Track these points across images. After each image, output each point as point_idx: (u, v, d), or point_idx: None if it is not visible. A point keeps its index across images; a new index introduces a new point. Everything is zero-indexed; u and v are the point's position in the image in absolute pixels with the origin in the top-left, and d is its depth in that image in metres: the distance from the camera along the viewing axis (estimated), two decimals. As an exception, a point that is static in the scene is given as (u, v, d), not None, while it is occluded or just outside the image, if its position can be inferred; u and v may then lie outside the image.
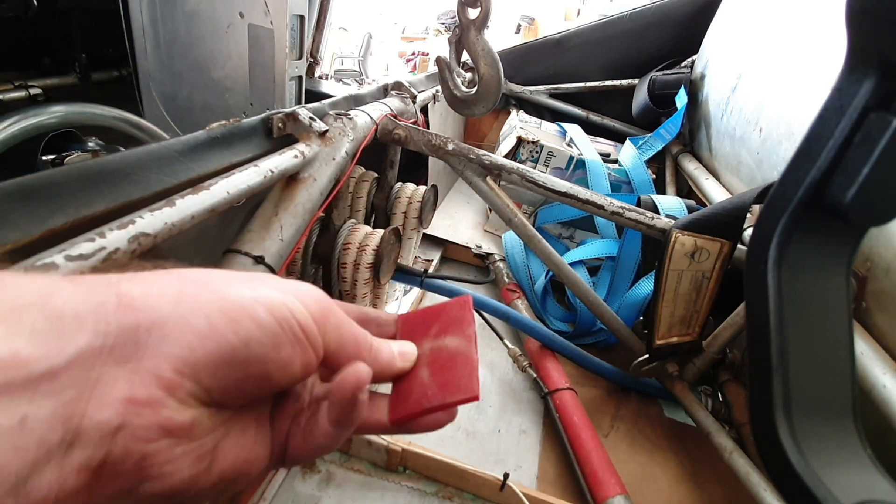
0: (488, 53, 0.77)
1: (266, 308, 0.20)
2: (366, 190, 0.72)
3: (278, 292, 0.21)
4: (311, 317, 0.21)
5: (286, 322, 0.20)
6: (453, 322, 0.27)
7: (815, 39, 0.74)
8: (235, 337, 0.19)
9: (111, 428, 0.17)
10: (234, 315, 0.19)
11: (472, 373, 0.24)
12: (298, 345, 0.21)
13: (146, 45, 1.26)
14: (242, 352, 0.19)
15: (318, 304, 0.22)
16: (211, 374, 0.19)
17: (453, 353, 0.26)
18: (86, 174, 0.35)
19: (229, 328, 0.19)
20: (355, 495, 0.56)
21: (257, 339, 0.19)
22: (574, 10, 5.73)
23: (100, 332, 0.17)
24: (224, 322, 0.19)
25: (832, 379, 0.40)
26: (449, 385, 0.24)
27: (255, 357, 0.19)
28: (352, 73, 4.33)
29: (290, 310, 0.21)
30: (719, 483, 0.67)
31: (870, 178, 0.34)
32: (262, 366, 0.20)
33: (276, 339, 0.20)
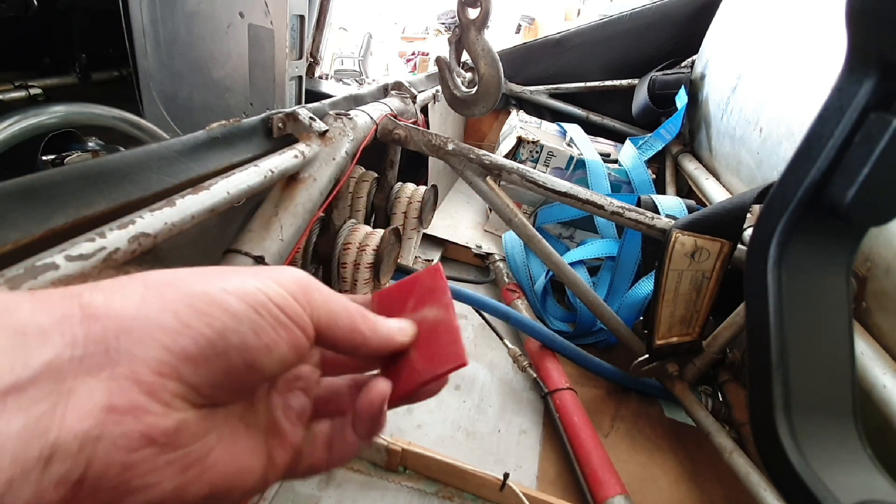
0: (488, 53, 0.77)
1: (237, 296, 0.19)
2: (366, 190, 0.72)
3: (251, 279, 0.20)
4: (291, 296, 0.21)
5: (262, 306, 0.20)
6: (428, 292, 0.27)
7: (815, 39, 0.74)
8: (209, 329, 0.18)
9: (90, 438, 0.16)
10: (203, 308, 0.19)
11: (456, 340, 0.25)
12: (281, 327, 0.20)
13: (146, 45, 1.26)
14: (220, 343, 0.18)
15: (296, 282, 0.22)
16: (192, 369, 0.18)
17: (434, 323, 0.26)
18: (86, 174, 0.35)
19: (201, 321, 0.18)
20: (355, 495, 0.56)
21: (233, 328, 0.19)
22: (574, 10, 5.73)
23: (66, 343, 0.16)
24: (194, 316, 0.18)
25: (832, 379, 0.40)
26: (436, 356, 0.24)
27: (236, 346, 0.19)
28: (352, 73, 4.32)
29: (265, 293, 0.20)
30: (719, 483, 0.67)
31: (870, 178, 0.34)
32: (245, 354, 0.19)
33: (254, 324, 0.19)
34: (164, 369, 0.17)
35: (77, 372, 0.16)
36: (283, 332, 0.20)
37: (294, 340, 0.21)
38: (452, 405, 0.72)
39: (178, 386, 0.18)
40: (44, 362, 0.16)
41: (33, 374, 0.15)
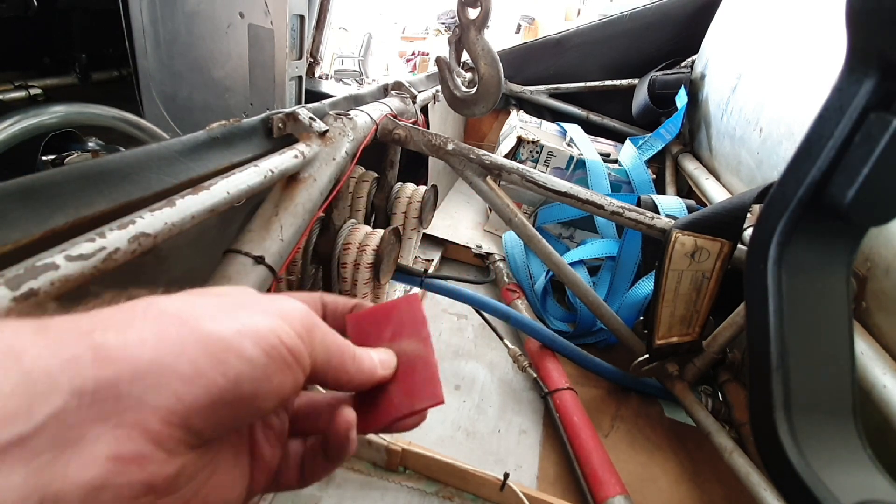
0: (488, 53, 0.77)
1: (253, 341, 0.19)
2: (366, 190, 0.72)
3: (263, 318, 0.20)
4: (298, 337, 0.21)
5: (275, 350, 0.20)
6: (406, 324, 0.27)
7: (815, 40, 0.74)
8: (224, 379, 0.18)
9: (94, 488, 0.16)
10: (219, 355, 0.18)
11: (434, 378, 0.25)
12: (288, 369, 0.20)
13: (146, 45, 1.26)
14: (233, 392, 0.18)
15: (302, 322, 0.22)
16: (202, 418, 0.18)
17: (412, 357, 0.26)
18: (86, 174, 0.35)
19: (217, 370, 0.18)
20: (355, 495, 0.56)
21: (248, 376, 0.19)
22: (574, 10, 5.73)
23: (75, 390, 0.16)
24: (210, 364, 0.18)
25: (832, 379, 0.40)
26: (414, 392, 0.25)
27: (247, 394, 0.19)
28: (352, 73, 4.33)
29: (278, 335, 0.20)
30: (719, 483, 0.67)
31: (870, 178, 0.34)
32: (254, 400, 0.19)
33: (266, 370, 0.19)
34: (173, 419, 0.17)
35: (85, 419, 0.16)
36: (289, 375, 0.20)
37: (295, 380, 0.21)
38: (452, 405, 0.72)
39: (183, 433, 0.18)
40: (50, 412, 0.15)
41: (38, 424, 0.15)
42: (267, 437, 0.24)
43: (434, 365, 0.25)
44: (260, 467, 0.23)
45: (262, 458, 0.24)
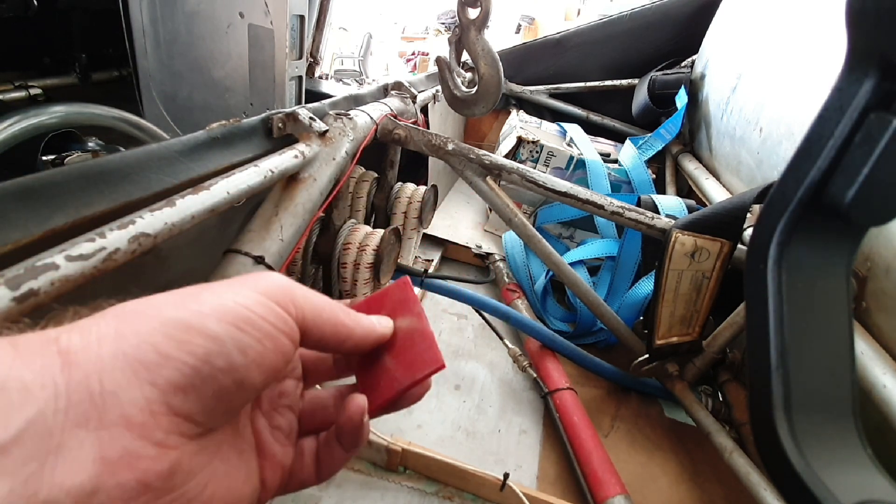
0: (488, 53, 0.77)
1: (216, 318, 0.19)
2: (366, 190, 0.72)
3: (229, 293, 0.20)
4: (274, 302, 0.20)
5: (245, 321, 0.19)
6: (398, 305, 0.27)
7: (815, 39, 0.74)
8: (192, 357, 0.18)
9: (85, 493, 0.15)
10: (181, 337, 0.18)
11: (432, 345, 0.25)
12: (267, 338, 0.20)
13: (146, 45, 1.26)
14: (206, 368, 0.18)
15: (277, 286, 0.21)
16: (182, 399, 0.18)
17: (408, 332, 0.26)
18: (86, 174, 0.35)
19: (182, 350, 0.18)
20: (355, 495, 0.56)
21: (216, 351, 0.18)
22: (574, 10, 5.74)
23: (49, 396, 0.16)
24: (174, 346, 0.18)
25: (832, 379, 0.40)
26: (414, 362, 0.25)
27: (222, 369, 0.18)
28: (352, 73, 4.33)
29: (245, 306, 0.19)
30: (719, 483, 0.67)
31: (870, 178, 0.34)
32: (233, 374, 0.19)
33: (238, 343, 0.19)
34: (153, 406, 0.17)
35: (64, 425, 0.16)
36: (269, 343, 0.20)
37: (281, 348, 0.20)
38: (452, 405, 0.72)
39: (170, 420, 0.17)
40: (27, 420, 0.15)
41: (16, 433, 0.15)
42: (275, 437, 0.24)
43: (430, 335, 0.25)
44: (271, 467, 0.23)
45: (273, 457, 0.23)
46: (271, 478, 0.23)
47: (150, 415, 0.17)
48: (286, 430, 0.25)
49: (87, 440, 0.16)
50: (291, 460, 0.24)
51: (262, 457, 0.23)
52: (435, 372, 0.24)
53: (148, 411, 0.17)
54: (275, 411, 0.25)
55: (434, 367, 0.24)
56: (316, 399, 0.27)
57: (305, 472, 0.25)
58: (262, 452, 0.23)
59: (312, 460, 0.25)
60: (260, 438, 0.23)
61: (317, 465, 0.25)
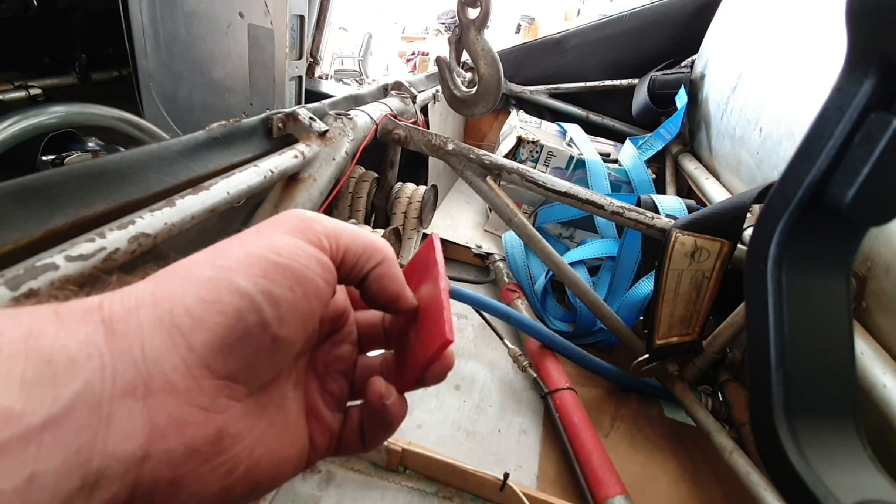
0: (488, 53, 0.77)
1: (243, 273, 0.18)
2: (366, 190, 0.72)
3: (256, 241, 0.19)
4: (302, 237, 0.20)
5: (274, 268, 0.19)
6: (423, 270, 0.26)
7: (815, 39, 0.74)
8: (223, 317, 0.17)
9: (136, 460, 0.16)
10: (211, 297, 0.18)
11: (439, 318, 0.23)
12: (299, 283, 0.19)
13: (146, 45, 1.26)
14: (240, 325, 0.18)
15: (300, 219, 0.21)
16: (221, 360, 0.18)
17: (427, 302, 0.24)
18: (86, 174, 0.35)
19: (213, 311, 0.17)
20: (355, 495, 0.56)
21: (247, 307, 0.18)
22: (574, 10, 5.74)
23: (96, 367, 0.16)
24: (205, 307, 0.17)
25: (832, 379, 0.40)
26: (426, 339, 0.23)
27: (256, 324, 0.18)
28: (352, 73, 4.33)
29: (272, 250, 0.19)
30: (719, 483, 0.67)
31: (870, 178, 0.34)
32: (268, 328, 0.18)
33: (269, 295, 0.18)
34: (195, 371, 0.17)
35: (112, 395, 0.16)
36: (301, 289, 0.19)
37: (316, 291, 0.20)
38: (452, 405, 0.71)
39: (213, 384, 0.17)
40: (75, 392, 0.15)
41: (66, 405, 0.15)
42: (326, 402, 0.24)
43: (441, 305, 0.23)
44: (321, 430, 0.23)
45: (324, 420, 0.23)
46: (320, 440, 0.23)
47: (192, 379, 0.17)
48: (337, 395, 0.24)
49: (136, 409, 0.16)
50: (340, 425, 0.24)
51: (313, 419, 0.23)
52: (442, 348, 0.22)
53: (190, 376, 0.17)
54: (328, 375, 0.24)
55: (439, 342, 0.22)
56: (366, 365, 0.26)
57: (351, 437, 0.24)
58: (313, 415, 0.23)
59: (357, 428, 0.25)
60: (311, 400, 0.23)
61: (360, 434, 0.25)
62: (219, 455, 0.18)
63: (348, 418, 0.25)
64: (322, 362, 0.25)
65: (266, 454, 0.20)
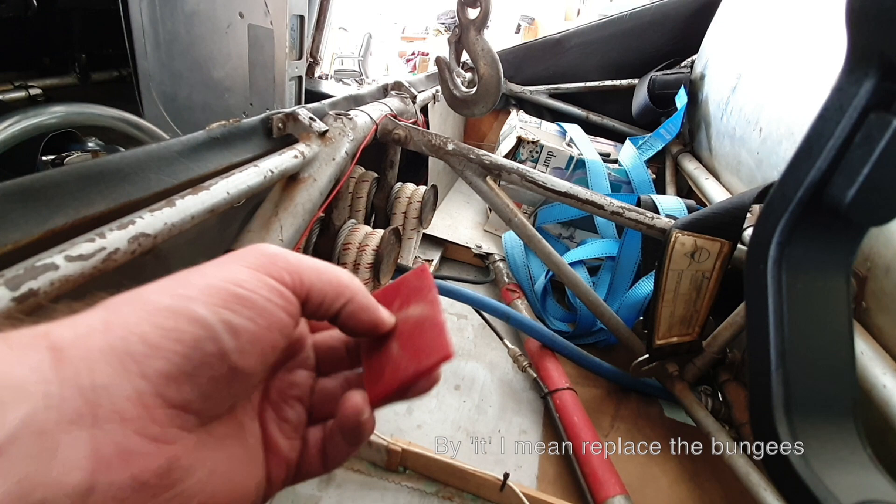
0: (488, 53, 0.77)
1: (203, 301, 0.18)
2: (366, 190, 0.72)
3: (215, 272, 0.19)
4: (265, 272, 0.19)
5: (235, 300, 0.18)
6: (414, 292, 0.26)
7: (814, 39, 0.74)
8: (181, 345, 0.17)
9: (81, 492, 0.15)
10: (168, 324, 0.17)
11: (441, 334, 0.23)
12: (261, 315, 0.19)
13: (146, 45, 1.26)
14: (196, 355, 0.17)
15: (264, 256, 0.20)
16: (176, 389, 0.17)
17: (419, 320, 0.25)
18: (86, 174, 0.35)
19: (170, 339, 0.17)
20: (355, 495, 0.56)
21: (206, 336, 0.17)
22: (574, 10, 5.74)
23: (42, 394, 0.15)
24: (161, 335, 0.17)
25: (832, 379, 0.40)
26: (421, 351, 0.23)
27: (214, 353, 0.18)
28: (352, 73, 4.33)
29: (234, 282, 0.19)
30: (719, 483, 0.67)
31: (870, 178, 0.34)
32: (226, 358, 0.18)
33: (229, 325, 0.18)
34: (146, 399, 0.16)
35: (58, 423, 0.15)
36: (263, 321, 0.19)
37: (277, 323, 0.19)
38: (452, 405, 0.71)
39: (166, 413, 0.17)
40: (20, 419, 0.15)
41: (10, 433, 0.14)
42: (283, 430, 0.23)
43: (441, 323, 0.24)
44: (277, 461, 0.22)
45: (279, 451, 0.23)
46: (276, 472, 0.22)
47: (143, 408, 0.16)
48: (294, 422, 0.24)
49: (82, 437, 0.15)
50: (298, 454, 0.24)
51: (269, 451, 0.22)
52: (441, 361, 0.23)
53: (141, 405, 0.16)
54: (284, 403, 0.24)
55: (440, 355, 0.23)
56: (324, 389, 0.26)
57: (312, 462, 0.24)
58: (268, 447, 0.22)
59: (318, 451, 0.24)
60: (266, 431, 0.23)
61: (322, 456, 0.24)
62: (169, 488, 0.17)
63: (307, 444, 0.24)
64: (277, 390, 0.24)
65: (221, 488, 0.19)
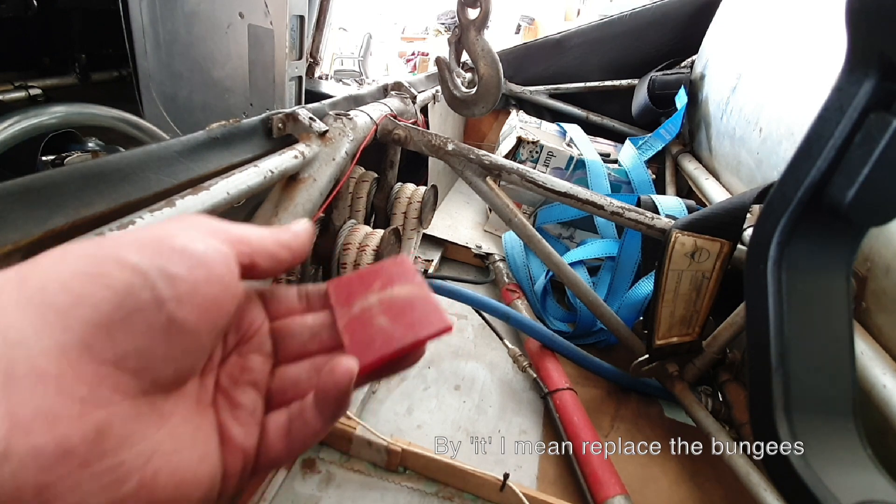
0: (488, 53, 0.77)
1: (136, 247, 0.16)
2: (366, 190, 0.72)
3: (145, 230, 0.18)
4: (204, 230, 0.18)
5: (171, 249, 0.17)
6: (396, 276, 0.26)
7: (814, 40, 0.74)
8: (110, 290, 0.15)
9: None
10: (96, 270, 0.15)
11: (436, 308, 0.24)
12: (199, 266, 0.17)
13: (146, 45, 1.26)
14: (129, 302, 0.15)
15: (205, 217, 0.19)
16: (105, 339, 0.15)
17: (408, 298, 0.24)
18: (86, 175, 0.35)
19: (97, 284, 0.15)
20: (355, 496, 0.56)
21: (140, 283, 0.16)
22: (574, 10, 5.74)
23: None
24: (87, 281, 0.15)
25: (832, 379, 0.40)
26: (417, 323, 0.23)
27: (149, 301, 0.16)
28: (352, 73, 4.33)
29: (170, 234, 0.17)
30: (719, 483, 0.67)
31: (870, 179, 0.34)
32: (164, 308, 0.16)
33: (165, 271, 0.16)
34: (71, 354, 0.15)
35: None
36: (202, 272, 0.17)
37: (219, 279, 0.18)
38: (452, 405, 0.71)
39: (94, 369, 0.15)
40: None
41: None
42: (236, 417, 0.21)
43: (434, 300, 0.24)
44: (231, 449, 0.20)
45: (233, 439, 0.20)
46: (232, 462, 0.20)
47: (67, 365, 0.15)
48: (249, 408, 0.22)
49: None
50: (255, 441, 0.21)
51: (221, 440, 0.20)
52: (442, 332, 0.23)
53: (65, 361, 0.14)
54: (237, 387, 0.22)
55: (441, 326, 0.23)
56: (287, 375, 0.24)
57: (273, 448, 0.21)
58: (221, 435, 0.20)
59: (281, 435, 0.22)
60: (218, 418, 0.21)
61: (287, 440, 0.22)
62: (101, 459, 0.15)
63: (265, 430, 0.22)
64: (228, 375, 0.22)
65: (166, 469, 0.17)
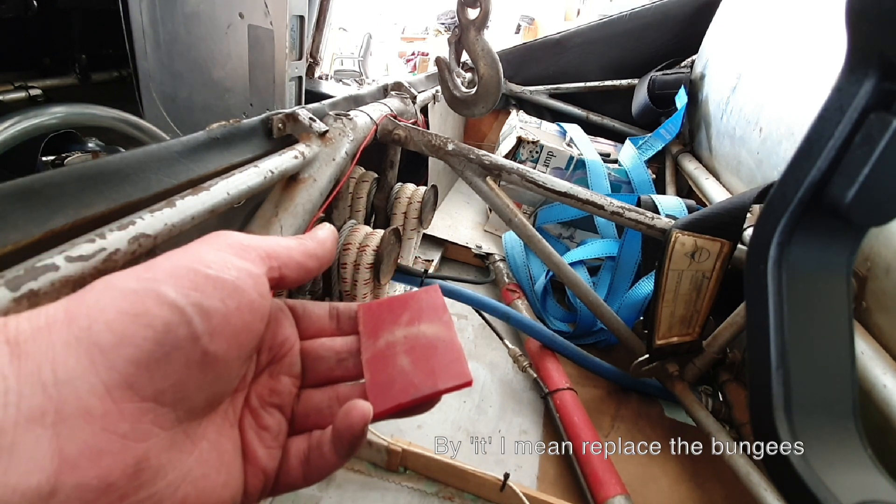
0: (488, 53, 0.77)
1: (171, 284, 0.17)
2: (366, 190, 0.72)
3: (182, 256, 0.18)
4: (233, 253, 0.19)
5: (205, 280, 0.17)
6: (426, 310, 0.26)
7: (814, 39, 0.74)
8: (151, 330, 0.16)
9: (42, 495, 0.14)
10: (136, 310, 0.16)
11: (460, 357, 0.23)
12: (231, 295, 0.18)
13: (146, 45, 1.26)
14: (168, 340, 0.16)
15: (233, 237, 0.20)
16: (147, 378, 0.16)
17: (432, 339, 0.24)
18: (86, 175, 0.35)
19: (139, 324, 0.16)
20: (355, 495, 0.56)
21: (177, 321, 0.16)
22: (574, 10, 5.74)
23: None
24: (129, 321, 0.16)
25: (832, 379, 0.40)
26: (437, 371, 0.23)
27: (186, 337, 0.17)
28: (352, 73, 4.33)
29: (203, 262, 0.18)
30: (719, 483, 0.67)
31: (870, 179, 0.34)
32: (199, 342, 0.17)
33: (200, 306, 0.17)
34: (115, 393, 0.15)
35: (16, 421, 0.14)
36: (234, 301, 0.18)
37: (250, 304, 0.19)
38: (453, 405, 0.71)
39: (137, 408, 0.16)
40: None
41: None
42: (261, 438, 0.22)
43: (459, 347, 0.24)
44: (254, 470, 0.21)
45: (257, 460, 0.21)
46: (253, 482, 0.21)
47: (112, 403, 0.15)
48: (274, 430, 0.23)
49: (44, 437, 0.14)
50: (276, 464, 0.22)
51: (245, 459, 0.21)
52: (461, 387, 0.23)
53: (109, 399, 0.15)
54: (263, 409, 0.23)
55: (461, 381, 0.23)
56: (310, 400, 0.24)
57: (291, 474, 0.22)
58: (245, 455, 0.21)
59: (300, 462, 0.23)
60: (244, 438, 0.21)
61: (305, 467, 0.22)
62: (138, 490, 0.16)
63: (287, 454, 0.23)
64: (257, 395, 0.23)
65: (193, 494, 0.18)
